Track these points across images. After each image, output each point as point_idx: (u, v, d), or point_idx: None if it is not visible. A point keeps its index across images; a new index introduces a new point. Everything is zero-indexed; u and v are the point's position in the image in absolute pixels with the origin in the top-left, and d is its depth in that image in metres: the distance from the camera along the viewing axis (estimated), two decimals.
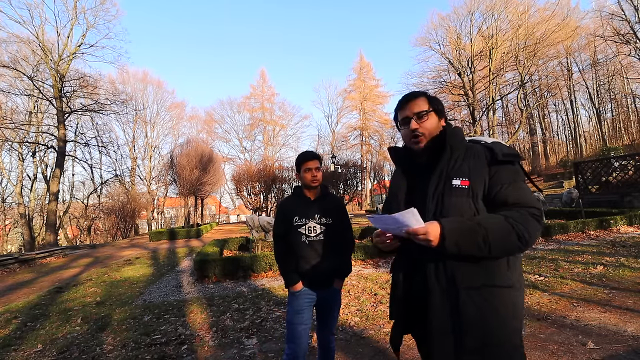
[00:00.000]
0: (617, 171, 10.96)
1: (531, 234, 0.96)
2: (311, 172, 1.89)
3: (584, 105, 29.97)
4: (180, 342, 3.12)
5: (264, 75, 38.16)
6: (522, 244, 0.96)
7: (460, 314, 1.01)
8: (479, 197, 1.05)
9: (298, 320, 1.85)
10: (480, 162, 1.07)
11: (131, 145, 29.29)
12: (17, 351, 3.18)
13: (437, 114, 1.18)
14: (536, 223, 0.98)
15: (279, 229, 1.97)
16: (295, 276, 1.86)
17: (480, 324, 1.00)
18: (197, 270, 5.73)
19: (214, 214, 40.46)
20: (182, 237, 14.58)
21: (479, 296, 1.01)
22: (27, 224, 20.44)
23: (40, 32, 16.67)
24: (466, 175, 1.06)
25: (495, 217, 0.99)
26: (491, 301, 1.01)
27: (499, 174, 1.05)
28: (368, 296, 4.15)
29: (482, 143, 1.14)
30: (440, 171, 1.10)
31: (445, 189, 1.07)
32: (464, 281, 1.02)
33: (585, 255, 5.49)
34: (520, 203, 1.01)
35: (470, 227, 0.96)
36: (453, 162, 1.10)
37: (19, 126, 18.67)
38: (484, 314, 1.00)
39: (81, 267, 8.40)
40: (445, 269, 1.04)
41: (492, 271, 1.03)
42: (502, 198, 1.03)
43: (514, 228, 0.95)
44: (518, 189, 1.04)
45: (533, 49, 19.28)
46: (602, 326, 2.82)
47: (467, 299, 1.01)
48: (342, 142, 37.44)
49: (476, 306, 1.01)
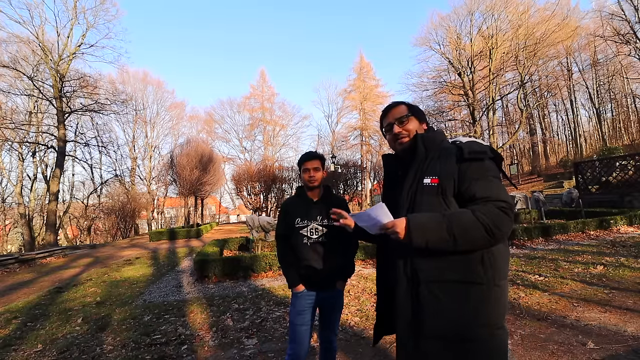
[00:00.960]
0: (617, 171, 10.96)
1: (500, 227, 0.99)
2: (309, 172, 1.89)
3: (584, 105, 29.99)
4: (180, 342, 3.12)
5: (263, 75, 38.15)
6: (490, 237, 0.99)
7: (420, 304, 1.09)
8: (448, 193, 1.10)
9: (300, 321, 1.85)
10: (451, 161, 1.13)
11: (131, 145, 29.30)
12: (17, 351, 3.18)
13: (416, 118, 1.29)
14: (504, 216, 1.00)
15: (281, 229, 1.98)
16: (297, 277, 1.87)
17: (436, 314, 1.06)
18: (197, 270, 5.73)
19: (214, 214, 40.47)
20: (182, 237, 14.58)
21: (439, 289, 1.07)
22: (27, 224, 20.43)
23: (40, 32, 16.68)
24: (436, 174, 1.13)
25: (461, 212, 1.04)
26: (451, 295, 1.06)
27: (468, 170, 1.10)
28: (368, 296, 4.15)
29: (457, 143, 1.19)
30: (415, 171, 1.18)
31: (417, 187, 1.15)
32: (426, 275, 1.08)
33: (585, 255, 5.49)
34: (489, 197, 1.04)
35: (436, 221, 1.01)
36: (428, 162, 1.17)
37: (19, 126, 18.66)
38: (441, 305, 1.06)
39: (81, 267, 8.40)
40: (411, 263, 1.12)
41: (456, 267, 1.06)
42: (470, 193, 1.07)
43: (480, 221, 0.98)
44: (486, 183, 1.07)
45: (533, 49, 19.28)
46: (602, 326, 2.82)
47: (426, 292, 1.08)
48: (342, 142, 37.39)
49: (435, 298, 1.07)
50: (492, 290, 1.07)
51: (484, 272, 1.06)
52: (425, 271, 1.09)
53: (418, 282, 1.10)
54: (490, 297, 1.06)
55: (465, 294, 1.06)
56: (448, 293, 1.07)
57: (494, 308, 1.07)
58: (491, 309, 1.07)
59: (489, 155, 1.12)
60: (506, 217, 1.01)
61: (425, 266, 1.09)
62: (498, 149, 15.73)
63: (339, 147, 36.49)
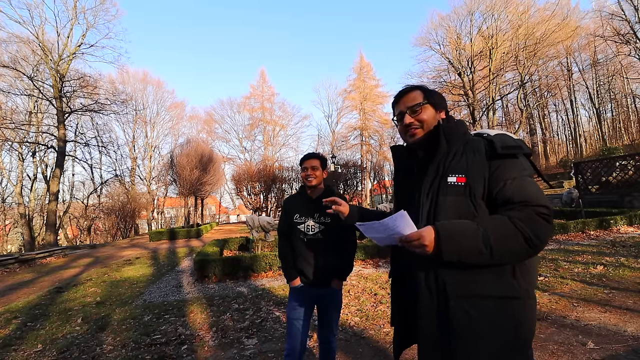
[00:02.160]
0: (617, 171, 10.96)
1: (540, 237, 0.86)
2: (307, 170, 1.93)
3: (584, 105, 30.02)
4: (180, 342, 3.12)
5: (264, 75, 38.16)
6: (530, 248, 0.86)
7: (450, 326, 0.93)
8: (477, 195, 0.95)
9: (295, 315, 1.90)
10: (480, 157, 0.97)
11: (131, 145, 29.30)
12: (17, 351, 3.18)
13: (433, 106, 1.10)
14: (546, 224, 0.87)
15: (282, 226, 2.03)
16: (294, 272, 1.93)
17: (472, 338, 0.91)
18: (197, 270, 5.73)
19: (214, 214, 40.47)
20: (182, 237, 14.57)
21: (472, 307, 0.92)
22: (27, 224, 20.44)
23: (40, 32, 16.69)
24: (463, 172, 0.97)
25: (498, 219, 0.89)
26: (486, 313, 0.92)
27: (501, 169, 0.94)
28: (368, 296, 4.15)
29: (484, 136, 1.04)
30: (437, 168, 1.02)
31: (440, 186, 0.99)
32: (455, 290, 0.93)
33: (585, 255, 5.49)
34: (527, 201, 0.90)
35: (469, 231, 0.86)
36: (451, 157, 1.01)
37: (19, 126, 18.66)
38: (477, 327, 0.91)
39: (81, 267, 8.40)
40: (436, 277, 0.96)
41: (490, 279, 0.93)
42: (505, 196, 0.92)
43: (519, 230, 0.85)
44: (523, 185, 0.93)
45: (533, 49, 19.30)
46: (602, 326, 2.82)
47: (457, 310, 0.93)
48: (342, 142, 37.37)
49: (468, 317, 0.92)
50: (528, 304, 0.94)
51: (519, 284, 0.93)
52: (454, 284, 0.93)
53: (446, 297, 0.93)
54: (526, 311, 0.94)
55: (502, 312, 0.91)
56: (483, 311, 0.91)
57: (530, 324, 0.95)
58: (527, 325, 0.94)
59: (524, 151, 0.97)
60: (547, 225, 0.87)
61: (454, 278, 0.93)
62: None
63: (339, 147, 36.48)
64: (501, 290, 0.92)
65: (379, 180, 36.48)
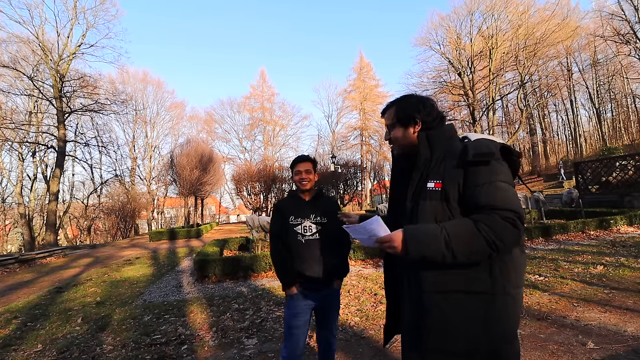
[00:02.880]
0: (617, 171, 10.96)
1: (503, 240, 0.91)
2: (300, 174, 1.91)
3: (584, 105, 29.99)
4: (180, 342, 3.12)
5: (264, 75, 38.16)
6: (492, 250, 0.91)
7: (424, 317, 1.03)
8: (451, 199, 1.02)
9: (295, 324, 1.84)
10: (455, 163, 1.03)
11: (131, 145, 29.30)
12: (17, 351, 3.18)
13: (402, 125, 1.19)
14: (510, 227, 0.91)
15: (275, 227, 1.98)
16: (293, 278, 1.86)
17: (444, 328, 1.00)
18: (197, 270, 5.73)
19: (214, 214, 40.48)
20: (182, 237, 14.57)
21: (443, 300, 1.01)
22: (27, 224, 20.43)
23: (40, 32, 16.68)
24: (440, 178, 1.04)
25: (463, 223, 0.96)
26: (456, 307, 0.99)
27: (473, 174, 1.00)
28: (368, 296, 4.15)
29: (465, 141, 1.09)
30: (420, 174, 1.10)
31: (421, 192, 1.07)
32: (429, 286, 1.02)
33: (585, 255, 5.49)
34: (493, 206, 0.94)
35: (433, 234, 0.94)
36: (433, 164, 1.08)
37: (19, 126, 18.66)
38: (447, 318, 1.00)
39: (81, 267, 8.40)
40: (414, 271, 1.06)
41: (462, 276, 0.99)
42: (474, 200, 0.98)
43: (482, 233, 0.91)
44: (492, 190, 0.97)
45: (533, 49, 19.28)
46: (602, 326, 2.82)
47: (429, 303, 1.02)
48: (342, 142, 37.38)
49: (439, 310, 1.01)
50: (502, 300, 0.99)
51: (492, 281, 0.99)
52: (428, 280, 1.03)
53: (421, 291, 1.04)
54: (500, 308, 0.99)
55: (471, 306, 0.99)
56: (453, 304, 1.00)
57: (505, 319, 1.00)
58: (501, 320, 0.99)
59: (496, 157, 1.01)
60: (512, 229, 0.92)
61: (429, 275, 1.02)
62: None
63: (339, 147, 36.48)
64: (471, 286, 0.99)
65: (379, 180, 36.50)
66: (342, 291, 4.40)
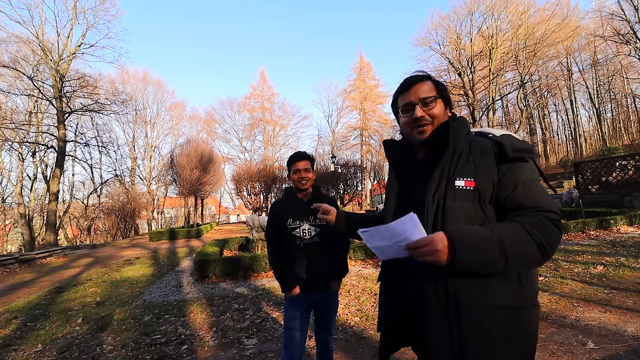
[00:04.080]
0: (617, 171, 10.95)
1: (552, 243, 0.82)
2: (299, 173, 1.85)
3: (584, 105, 30.03)
4: (180, 342, 3.12)
5: (264, 75, 38.17)
6: (542, 255, 0.82)
7: (463, 339, 0.87)
8: (486, 200, 0.90)
9: (295, 326, 1.82)
10: (488, 160, 0.91)
11: (131, 145, 29.31)
12: (17, 351, 3.18)
13: (444, 102, 1.02)
14: (557, 230, 0.84)
15: (272, 232, 1.93)
16: (292, 281, 1.83)
17: (486, 350, 0.87)
18: (197, 270, 5.73)
19: (214, 214, 40.47)
20: (182, 237, 14.58)
21: (485, 318, 0.87)
22: (27, 224, 20.43)
23: (40, 32, 16.68)
24: (472, 175, 0.91)
25: (510, 225, 0.84)
26: (500, 325, 0.87)
27: (511, 173, 0.89)
28: (368, 296, 4.15)
29: (489, 136, 0.99)
30: (442, 170, 0.95)
31: (447, 190, 0.92)
32: (468, 301, 0.88)
33: (585, 255, 5.48)
34: (538, 207, 0.86)
35: (485, 239, 0.80)
36: (456, 159, 0.95)
37: (19, 126, 18.65)
38: (490, 339, 0.87)
39: (81, 267, 8.40)
40: (445, 284, 0.90)
41: (500, 288, 0.88)
42: (516, 201, 0.88)
43: (532, 237, 0.81)
44: (534, 190, 0.88)
45: (533, 49, 19.28)
46: (602, 326, 2.82)
47: (471, 322, 0.87)
48: (342, 142, 37.39)
49: (481, 329, 0.87)
50: (534, 313, 0.91)
51: (525, 292, 0.90)
52: (467, 295, 0.87)
53: (459, 309, 0.87)
54: (533, 321, 0.91)
55: (514, 323, 0.87)
56: (497, 323, 0.87)
57: (535, 332, 0.92)
58: (533, 334, 0.91)
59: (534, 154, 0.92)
60: (558, 232, 0.84)
61: (466, 289, 0.87)
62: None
63: (339, 147, 36.50)
64: (512, 300, 0.89)
65: (379, 180, 36.50)
66: (342, 291, 4.40)
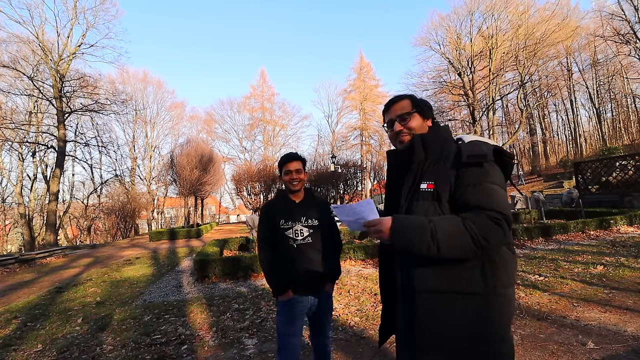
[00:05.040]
0: (617, 171, 10.96)
1: (488, 239, 0.93)
2: (291, 174, 1.84)
3: (584, 105, 30.01)
4: (180, 342, 3.12)
5: (264, 75, 38.19)
6: (477, 247, 0.93)
7: (415, 315, 1.03)
8: (443, 199, 1.04)
9: (290, 331, 1.79)
10: (448, 164, 1.06)
11: (131, 145, 29.31)
12: (17, 351, 3.18)
13: (421, 115, 1.19)
14: (495, 227, 0.94)
15: (264, 232, 1.89)
16: (285, 284, 1.78)
17: (434, 328, 1.01)
18: (197, 270, 5.73)
19: (214, 214, 40.48)
20: (182, 237, 14.58)
21: (434, 300, 1.02)
22: (27, 224, 20.44)
23: (40, 32, 16.68)
24: (432, 179, 1.07)
25: (451, 218, 0.99)
26: (447, 306, 1.00)
27: (464, 175, 1.02)
28: (368, 296, 4.15)
29: (459, 143, 1.12)
30: (414, 175, 1.12)
31: (414, 192, 1.10)
32: (421, 284, 1.03)
33: (585, 255, 5.49)
34: (481, 206, 0.97)
35: (421, 225, 0.96)
36: (427, 164, 1.11)
37: (19, 126, 18.66)
38: (438, 319, 1.01)
39: (81, 267, 8.40)
40: (407, 272, 1.07)
41: (455, 276, 1.01)
42: (464, 201, 1.01)
43: (467, 230, 0.93)
44: (481, 191, 0.99)
45: (533, 49, 19.26)
46: (602, 326, 2.82)
47: (420, 302, 1.03)
48: (342, 142, 37.40)
49: (430, 310, 1.01)
50: (494, 300, 1.00)
51: (484, 281, 1.00)
52: (420, 280, 1.03)
53: (413, 291, 1.04)
54: (492, 308, 1.00)
55: (462, 305, 1.00)
56: (444, 304, 1.01)
57: (497, 319, 1.00)
58: (493, 320, 1.00)
59: (489, 159, 1.02)
60: (497, 229, 0.94)
61: (421, 274, 1.03)
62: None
63: (339, 147, 36.52)
64: (462, 286, 1.00)
65: (379, 180, 36.49)
66: (342, 291, 4.41)
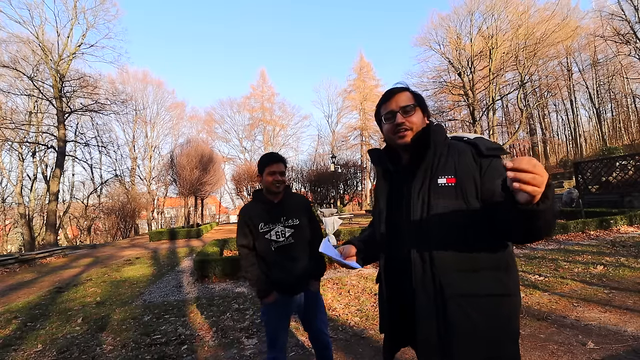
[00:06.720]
0: (617, 171, 10.96)
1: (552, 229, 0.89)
2: (275, 175, 1.79)
3: (584, 105, 30.04)
4: (180, 342, 3.12)
5: (264, 75, 38.24)
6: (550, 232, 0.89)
7: (448, 324, 0.94)
8: (469, 194, 0.97)
9: (274, 332, 1.81)
10: (467, 158, 1.00)
11: (131, 145, 29.32)
12: (17, 351, 3.18)
13: (422, 110, 1.12)
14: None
15: (242, 240, 1.84)
16: (267, 287, 1.77)
17: (471, 335, 0.94)
18: (197, 270, 5.73)
19: (214, 214, 40.46)
20: (182, 237, 14.57)
21: (470, 305, 0.94)
22: (27, 224, 20.43)
23: (40, 32, 16.68)
24: (452, 173, 0.99)
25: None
26: (482, 311, 0.94)
27: (492, 167, 0.98)
28: (368, 296, 4.15)
29: (464, 140, 1.08)
30: (425, 170, 1.03)
31: (430, 188, 1.01)
32: (454, 289, 0.95)
33: (585, 255, 5.48)
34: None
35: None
36: (437, 159, 1.03)
37: (19, 126, 18.65)
38: (474, 325, 0.94)
39: (81, 267, 8.40)
40: (433, 275, 0.97)
41: (485, 278, 0.96)
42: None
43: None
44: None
45: (533, 49, 19.26)
46: (602, 326, 2.82)
47: (455, 309, 0.94)
48: (342, 142, 37.45)
49: (466, 316, 0.94)
50: (516, 301, 1.00)
51: (510, 281, 0.98)
52: (452, 285, 0.95)
53: (444, 297, 0.95)
54: (515, 309, 0.99)
55: (497, 309, 0.95)
56: (480, 309, 0.94)
57: (517, 321, 1.00)
58: (517, 321, 1.00)
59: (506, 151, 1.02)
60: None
61: (452, 279, 0.96)
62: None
63: (339, 147, 36.55)
64: (496, 288, 0.97)
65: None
66: (342, 291, 4.41)
